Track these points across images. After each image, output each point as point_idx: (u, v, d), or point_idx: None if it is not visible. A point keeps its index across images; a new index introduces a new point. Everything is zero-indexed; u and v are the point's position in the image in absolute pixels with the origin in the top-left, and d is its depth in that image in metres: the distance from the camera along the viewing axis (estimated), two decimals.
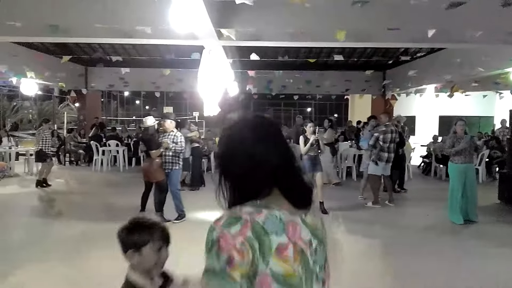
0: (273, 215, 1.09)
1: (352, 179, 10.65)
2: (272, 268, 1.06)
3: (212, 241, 1.07)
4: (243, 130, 1.20)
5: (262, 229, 1.06)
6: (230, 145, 1.20)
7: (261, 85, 13.65)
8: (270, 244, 1.06)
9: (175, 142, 6.27)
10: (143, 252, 1.54)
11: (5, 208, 7.47)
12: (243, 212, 1.09)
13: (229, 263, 1.04)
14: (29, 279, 4.20)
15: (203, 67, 6.22)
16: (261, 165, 1.14)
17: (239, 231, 1.05)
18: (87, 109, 15.95)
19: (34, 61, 10.44)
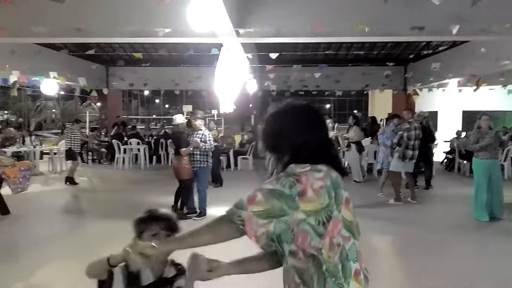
0: (339, 176, 1.35)
1: (373, 176, 10.52)
2: (343, 215, 1.30)
3: (292, 175, 1.27)
4: (289, 114, 1.42)
5: (336, 182, 1.31)
6: (277, 127, 1.41)
7: (280, 82, 13.59)
8: (342, 195, 1.32)
9: (204, 141, 6.31)
10: (143, 237, 1.65)
11: (30, 206, 7.65)
12: (320, 168, 1.30)
13: (301, 195, 1.24)
14: (53, 275, 4.30)
15: (221, 64, 6.22)
16: (312, 140, 1.37)
17: (320, 177, 1.27)
18: (109, 108, 16.21)
19: (57, 62, 10.64)
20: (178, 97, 17.36)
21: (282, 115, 1.43)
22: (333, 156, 1.41)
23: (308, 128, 1.39)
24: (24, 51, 9.38)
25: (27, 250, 5.09)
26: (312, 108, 1.45)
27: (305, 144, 1.36)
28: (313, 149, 1.36)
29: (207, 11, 4.90)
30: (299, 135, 1.37)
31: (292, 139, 1.37)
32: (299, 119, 1.40)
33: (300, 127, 1.39)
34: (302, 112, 1.42)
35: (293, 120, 1.40)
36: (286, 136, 1.38)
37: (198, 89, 14.85)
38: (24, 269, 4.41)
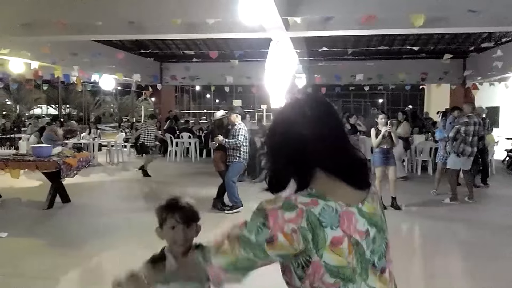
0: (329, 207, 1.06)
1: (428, 174, 10.11)
2: (325, 261, 1.05)
3: (260, 216, 1.07)
4: (284, 111, 1.19)
5: (317, 221, 1.04)
6: (272, 126, 1.20)
7: (329, 76, 13.36)
8: (325, 236, 1.04)
9: (234, 136, 6.41)
10: (163, 228, 1.69)
11: (89, 195, 8.11)
12: (298, 201, 1.07)
13: (270, 242, 1.04)
14: (111, 262, 4.53)
15: (270, 59, 6.22)
16: (298, 143, 1.11)
17: (292, 218, 1.04)
18: (162, 103, 16.76)
19: (114, 58, 11.14)
20: (228, 93, 17.61)
21: (278, 113, 1.22)
22: (349, 163, 1.14)
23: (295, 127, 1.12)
24: (84, 49, 9.92)
25: (86, 237, 5.39)
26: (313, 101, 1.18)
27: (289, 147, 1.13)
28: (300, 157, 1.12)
29: (257, 5, 4.92)
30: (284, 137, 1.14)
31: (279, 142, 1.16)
32: (288, 116, 1.17)
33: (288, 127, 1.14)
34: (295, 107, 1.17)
35: (286, 119, 1.17)
36: (273, 140, 1.18)
37: (248, 84, 14.96)
38: (83, 256, 4.67)
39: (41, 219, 6.26)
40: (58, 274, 4.13)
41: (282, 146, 1.14)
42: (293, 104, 1.19)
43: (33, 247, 4.98)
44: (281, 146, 1.14)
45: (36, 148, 7.20)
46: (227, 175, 6.54)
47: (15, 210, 6.93)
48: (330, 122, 1.15)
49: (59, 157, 6.84)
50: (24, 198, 7.61)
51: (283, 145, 1.14)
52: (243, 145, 6.48)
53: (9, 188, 7.95)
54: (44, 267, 4.35)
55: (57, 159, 6.69)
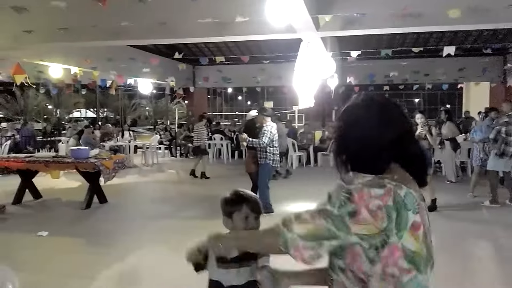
0: (411, 193, 1.10)
1: (467, 175, 9.74)
2: (404, 243, 1.07)
3: (345, 190, 1.10)
4: (362, 108, 1.24)
5: (403, 203, 1.07)
6: (348, 122, 1.24)
7: (363, 76, 13.14)
8: (407, 219, 1.07)
9: (260, 137, 6.41)
10: (233, 218, 1.77)
11: (125, 195, 8.34)
12: (386, 181, 1.10)
13: (353, 216, 1.06)
14: (146, 260, 4.64)
15: (300, 59, 6.19)
16: (380, 139, 1.17)
17: (380, 196, 1.06)
18: (195, 106, 17.01)
19: (149, 63, 11.42)
20: (259, 94, 17.65)
21: (350, 109, 1.27)
22: (415, 158, 1.21)
23: (378, 125, 1.18)
24: (120, 54, 10.22)
25: (121, 237, 5.55)
26: (387, 102, 1.25)
27: (371, 145, 1.18)
28: (383, 152, 1.17)
29: (286, 5, 4.90)
30: (365, 133, 1.19)
31: (356, 138, 1.20)
32: (367, 114, 1.21)
33: (367, 124, 1.19)
34: (372, 106, 1.23)
35: (359, 115, 1.22)
36: (350, 134, 1.22)
37: (278, 86, 14.95)
38: (119, 253, 4.80)
39: (79, 218, 6.49)
40: (93, 272, 4.27)
41: (366, 142, 1.19)
42: (368, 101, 1.24)
43: (72, 246, 5.17)
44: (365, 142, 1.19)
45: (74, 150, 7.48)
46: (259, 179, 6.50)
47: (55, 210, 7.22)
48: (405, 119, 1.24)
49: (97, 158, 7.07)
50: (64, 198, 7.92)
51: (367, 141, 1.19)
52: (270, 146, 6.44)
53: (50, 189, 8.29)
54: (80, 265, 4.50)
55: (94, 160, 6.93)
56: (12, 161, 7.32)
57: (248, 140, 6.41)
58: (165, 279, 4.07)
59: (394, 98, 1.35)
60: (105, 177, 6.90)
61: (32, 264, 4.44)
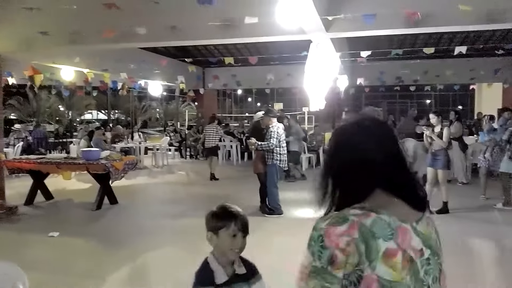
0: (382, 219, 1.05)
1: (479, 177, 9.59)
2: (379, 274, 1.02)
3: (315, 238, 1.07)
4: (349, 130, 1.20)
5: (369, 232, 1.03)
6: (334, 145, 1.21)
7: (373, 77, 13.06)
8: (378, 248, 1.03)
9: (267, 138, 6.41)
10: (219, 235, 1.71)
11: (135, 197, 8.39)
12: (350, 213, 1.07)
13: (332, 262, 1.03)
14: (155, 262, 4.65)
15: (310, 61, 6.16)
16: (364, 164, 1.13)
17: (344, 231, 1.03)
18: (205, 107, 17.06)
19: (159, 65, 11.49)
20: (269, 95, 17.65)
21: (339, 131, 1.24)
22: (404, 184, 1.14)
23: (364, 148, 1.13)
24: (130, 56, 10.30)
25: (132, 238, 5.57)
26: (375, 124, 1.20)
27: (356, 168, 1.13)
28: (368, 176, 1.12)
29: (295, 7, 4.89)
30: (351, 156, 1.15)
31: (342, 161, 1.16)
32: (354, 136, 1.17)
33: (353, 146, 1.15)
34: (360, 128, 1.18)
35: (346, 137, 1.19)
36: (336, 156, 1.19)
37: (288, 87, 14.93)
38: (130, 254, 4.83)
39: (90, 219, 6.54)
40: (104, 273, 4.29)
41: (348, 166, 1.15)
42: (357, 123, 1.20)
43: (82, 247, 5.21)
44: (347, 165, 1.15)
45: (85, 151, 7.55)
46: (267, 180, 6.51)
47: (67, 211, 7.30)
48: (394, 143, 1.18)
49: (107, 160, 7.13)
50: (75, 199, 7.99)
51: (349, 165, 1.15)
52: (277, 146, 6.44)
53: (62, 190, 8.38)
54: (91, 265, 4.54)
55: (105, 162, 6.98)
56: (25, 162, 7.42)
57: (256, 144, 6.42)
58: (177, 279, 4.07)
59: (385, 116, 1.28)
60: (113, 177, 6.95)
61: (43, 264, 4.48)
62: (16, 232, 5.90)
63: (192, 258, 1.73)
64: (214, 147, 10.32)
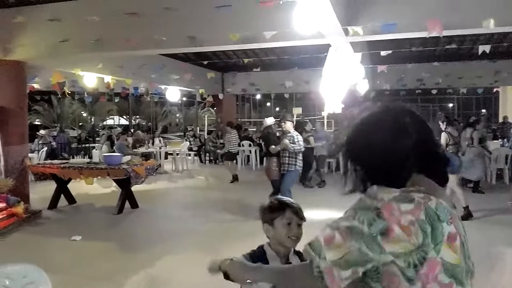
0: (442, 204, 1.07)
1: (504, 183, 9.35)
2: (443, 257, 1.03)
3: (372, 206, 1.05)
4: (376, 118, 1.19)
5: (435, 215, 1.03)
6: (363, 133, 1.19)
7: (394, 80, 12.89)
8: (443, 231, 1.04)
9: (294, 143, 6.37)
10: (275, 224, 1.76)
11: (156, 201, 8.48)
12: (415, 195, 1.05)
13: (385, 234, 1.00)
14: (174, 266, 4.69)
15: (328, 65, 6.13)
16: (397, 150, 1.12)
17: (410, 210, 1.02)
18: (224, 112, 17.14)
19: (179, 71, 11.62)
20: (288, 100, 17.62)
21: (364, 121, 1.21)
22: (437, 162, 1.17)
23: (394, 135, 1.13)
24: (151, 62, 10.45)
25: (152, 241, 5.63)
26: (401, 109, 1.20)
27: (389, 156, 1.12)
28: (403, 162, 1.11)
29: (314, 11, 4.87)
30: (382, 144, 1.13)
31: (373, 150, 1.14)
32: (382, 124, 1.16)
33: (383, 134, 1.14)
34: (386, 115, 1.18)
35: (374, 126, 1.18)
36: (366, 146, 1.16)
37: (307, 92, 14.87)
38: (150, 258, 4.88)
39: (111, 223, 6.65)
40: (124, 276, 4.35)
41: (383, 154, 1.13)
42: (384, 111, 1.20)
43: (103, 250, 5.29)
44: (382, 154, 1.14)
45: (107, 156, 7.68)
46: (283, 184, 6.47)
47: (89, 215, 7.43)
48: (425, 128, 1.19)
49: (128, 165, 7.23)
50: (97, 203, 8.13)
51: (383, 153, 1.13)
52: (300, 152, 6.44)
53: (84, 194, 8.54)
54: (112, 269, 4.60)
55: (126, 167, 7.09)
56: (48, 167, 7.59)
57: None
58: (196, 284, 4.09)
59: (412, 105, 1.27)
60: (133, 181, 7.04)
61: (66, 267, 4.57)
62: (40, 235, 6.03)
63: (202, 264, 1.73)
64: (234, 153, 10.82)
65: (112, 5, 6.61)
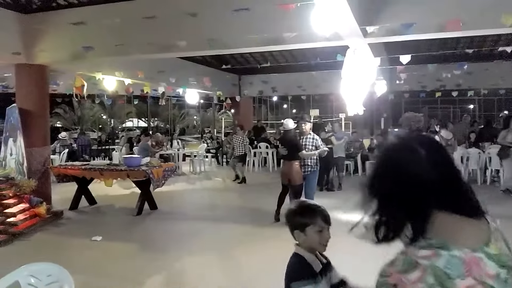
0: (454, 257, 1.00)
1: None
2: None
3: (386, 284, 1.02)
4: (398, 150, 1.15)
5: (444, 275, 0.98)
6: (384, 167, 1.15)
7: (413, 82, 12.72)
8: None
9: (316, 146, 6.32)
10: (307, 232, 1.76)
11: (174, 202, 8.56)
12: (419, 256, 1.01)
13: None
14: (192, 267, 4.72)
15: (346, 66, 6.10)
16: (418, 185, 1.07)
17: (418, 278, 0.98)
18: (241, 115, 17.21)
19: (196, 74, 11.73)
20: (305, 102, 17.56)
21: (385, 153, 1.17)
22: (464, 199, 1.09)
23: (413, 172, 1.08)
24: (170, 65, 10.58)
25: (170, 242, 5.70)
26: (432, 142, 1.15)
27: (415, 190, 1.07)
28: (428, 197, 1.06)
29: (332, 13, 4.86)
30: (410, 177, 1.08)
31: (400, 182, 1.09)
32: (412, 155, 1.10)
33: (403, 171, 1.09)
34: (417, 146, 1.11)
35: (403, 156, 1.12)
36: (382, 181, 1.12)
37: (324, 93, 14.81)
38: (169, 259, 4.94)
39: (131, 224, 6.74)
40: (144, 277, 4.41)
41: (399, 190, 1.09)
42: (401, 143, 1.16)
43: (123, 251, 5.38)
44: (397, 190, 1.09)
45: (126, 158, 7.80)
46: (309, 187, 6.33)
47: (109, 216, 7.55)
48: (446, 160, 1.12)
49: (147, 166, 7.33)
50: (117, 204, 8.26)
51: (399, 189, 1.09)
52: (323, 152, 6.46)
53: (104, 195, 8.68)
54: (131, 269, 4.67)
55: (145, 168, 7.18)
56: (70, 168, 7.75)
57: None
58: (215, 285, 4.12)
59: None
60: (154, 184, 7.13)
61: (87, 267, 4.66)
62: (61, 235, 6.17)
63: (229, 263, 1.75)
64: (242, 155, 10.95)
65: (132, 9, 6.74)
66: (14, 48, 7.17)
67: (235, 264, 4.67)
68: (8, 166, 7.45)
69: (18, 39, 7.27)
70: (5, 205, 6.31)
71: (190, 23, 6.08)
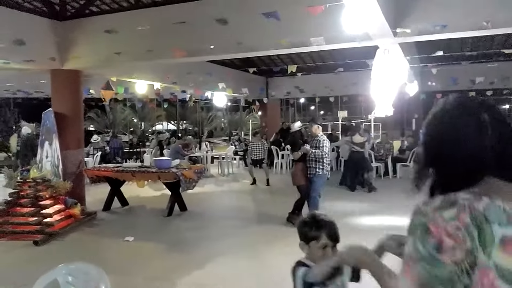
0: (495, 204, 0.96)
1: None
2: (496, 262, 0.93)
3: (419, 224, 0.99)
4: (457, 115, 1.08)
5: (482, 216, 0.94)
6: (438, 131, 1.11)
7: (445, 82, 12.39)
8: (493, 234, 0.93)
9: (317, 147, 6.27)
10: (310, 245, 1.74)
11: (203, 204, 8.65)
12: (459, 197, 0.98)
13: (439, 249, 0.95)
14: (220, 269, 4.76)
15: (377, 67, 6.01)
16: (472, 150, 1.03)
17: (454, 216, 0.95)
18: (268, 117, 17.23)
19: (225, 76, 11.83)
20: (333, 103, 17.40)
21: (438, 116, 1.12)
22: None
23: (473, 133, 1.04)
24: (198, 68, 10.72)
25: (202, 243, 5.76)
26: (484, 106, 1.08)
27: (466, 156, 1.04)
28: (480, 162, 1.02)
29: (362, 14, 4.81)
30: (458, 143, 1.05)
31: (448, 150, 1.06)
32: (458, 120, 1.07)
33: (460, 131, 1.05)
34: (466, 111, 1.08)
35: (449, 122, 1.09)
36: (440, 145, 1.09)
37: (353, 94, 14.63)
38: (200, 260, 5.00)
39: (162, 225, 6.86)
40: (175, 277, 4.47)
41: (454, 153, 1.06)
42: (462, 108, 1.09)
43: (154, 251, 5.48)
44: (452, 153, 1.06)
45: (157, 160, 7.95)
46: (312, 189, 6.36)
47: (140, 217, 7.71)
48: (504, 125, 1.07)
49: (177, 169, 7.44)
50: (148, 206, 8.43)
51: (454, 152, 1.06)
52: (326, 156, 6.35)
53: (136, 196, 8.87)
54: (163, 269, 4.75)
55: (175, 170, 7.29)
56: (103, 170, 7.97)
57: (310, 151, 6.31)
58: (246, 285, 4.14)
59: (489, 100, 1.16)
60: (184, 186, 7.23)
61: (120, 267, 4.77)
62: (95, 236, 6.34)
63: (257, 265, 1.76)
64: (259, 160, 11.16)
65: (162, 15, 6.88)
66: (49, 54, 7.44)
67: (266, 264, 4.65)
68: (44, 169, 7.72)
69: (53, 46, 7.55)
70: (42, 206, 6.55)
71: (219, 28, 6.14)
